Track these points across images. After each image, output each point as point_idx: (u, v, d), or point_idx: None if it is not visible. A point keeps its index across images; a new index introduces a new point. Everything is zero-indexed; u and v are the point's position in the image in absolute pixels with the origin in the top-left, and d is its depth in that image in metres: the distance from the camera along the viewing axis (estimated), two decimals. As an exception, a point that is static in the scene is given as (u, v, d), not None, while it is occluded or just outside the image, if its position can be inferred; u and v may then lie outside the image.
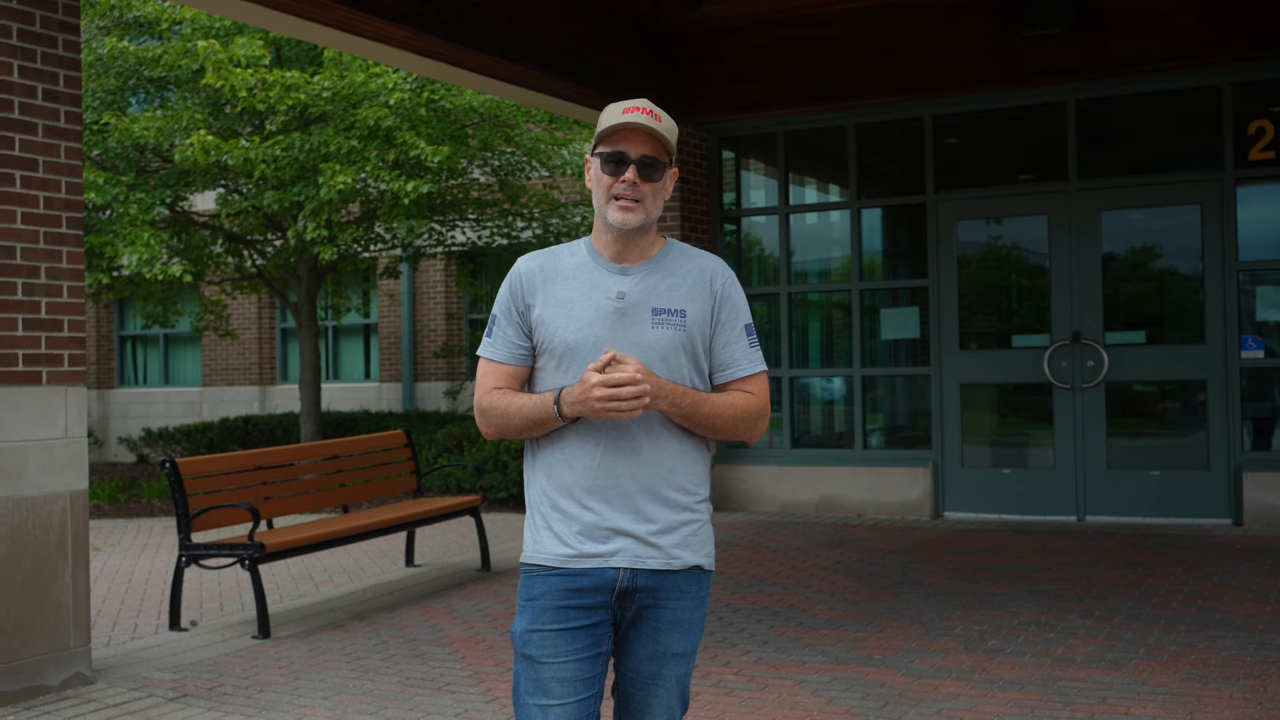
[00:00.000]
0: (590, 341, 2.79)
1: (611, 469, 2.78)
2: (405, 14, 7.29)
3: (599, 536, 2.78)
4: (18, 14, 5.57)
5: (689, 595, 2.85)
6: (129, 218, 12.30)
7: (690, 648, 2.90)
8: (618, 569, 2.77)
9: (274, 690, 5.61)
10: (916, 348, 10.68)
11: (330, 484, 8.42)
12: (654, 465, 2.80)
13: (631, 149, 2.80)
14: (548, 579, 2.80)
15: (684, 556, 2.83)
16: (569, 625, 2.78)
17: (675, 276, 2.87)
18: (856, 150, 10.75)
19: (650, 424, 2.80)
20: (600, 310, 2.81)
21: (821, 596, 7.22)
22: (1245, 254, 9.40)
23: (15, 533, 5.49)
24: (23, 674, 5.47)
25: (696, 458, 2.88)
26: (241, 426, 16.63)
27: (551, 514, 2.82)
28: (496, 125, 13.27)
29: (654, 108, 2.84)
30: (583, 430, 2.79)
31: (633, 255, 2.86)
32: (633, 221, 2.80)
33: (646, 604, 2.82)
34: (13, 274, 5.56)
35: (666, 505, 2.81)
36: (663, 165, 2.83)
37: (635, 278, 2.84)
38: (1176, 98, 9.76)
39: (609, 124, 2.80)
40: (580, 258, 2.88)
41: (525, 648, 2.80)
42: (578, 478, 2.79)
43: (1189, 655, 5.67)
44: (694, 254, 2.93)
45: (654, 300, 2.82)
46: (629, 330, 2.80)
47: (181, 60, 12.49)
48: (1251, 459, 9.30)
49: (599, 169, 2.84)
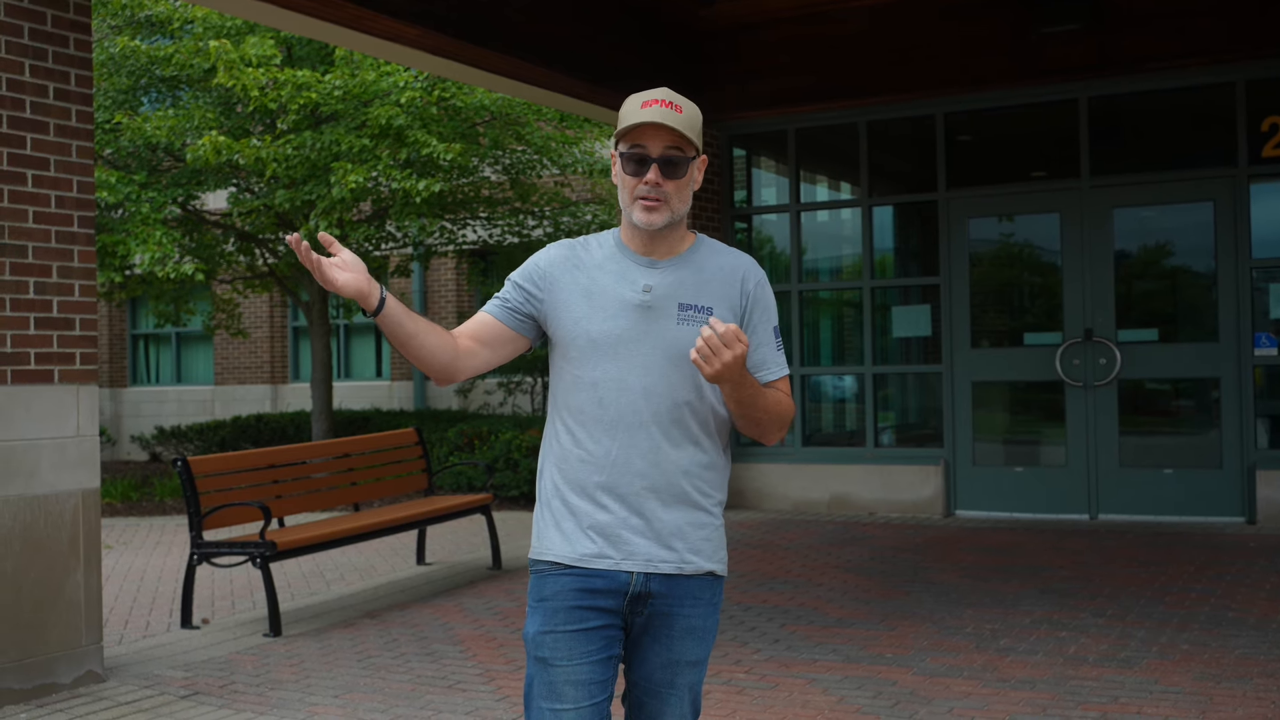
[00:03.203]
0: (612, 333, 2.71)
1: (629, 467, 2.70)
2: (416, 12, 7.29)
3: (612, 537, 2.70)
4: (29, 13, 5.58)
5: (702, 602, 2.77)
6: (141, 217, 12.33)
7: (703, 655, 2.81)
8: (630, 572, 2.70)
9: (285, 688, 5.61)
10: (928, 345, 10.66)
11: (341, 482, 8.43)
12: (672, 466, 2.71)
13: (653, 146, 2.69)
14: (559, 578, 2.72)
15: (698, 562, 2.74)
16: (582, 626, 2.70)
17: (705, 273, 2.78)
18: (868, 148, 10.72)
19: (672, 420, 2.71)
20: (625, 303, 2.72)
21: (833, 595, 7.21)
22: (1258, 251, 9.36)
23: (27, 531, 5.50)
24: (35, 672, 5.48)
25: (715, 461, 2.79)
26: (253, 425, 16.67)
27: (562, 510, 2.74)
28: (508, 123, 13.27)
29: (674, 98, 2.72)
30: (601, 426, 2.71)
31: (662, 250, 2.77)
32: (658, 221, 2.71)
33: (659, 610, 2.73)
34: (24, 273, 5.57)
35: (683, 508, 2.73)
36: (687, 159, 2.71)
37: (663, 272, 2.75)
38: (1190, 95, 9.72)
39: (628, 122, 2.69)
40: (608, 249, 2.80)
41: (538, 650, 2.72)
42: (593, 474, 2.71)
43: (1202, 654, 5.64)
44: (725, 251, 2.84)
45: (681, 295, 2.74)
46: (653, 325, 2.71)
47: (193, 59, 12.51)
48: (1265, 457, 9.25)
49: (621, 168, 2.74)
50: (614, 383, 2.71)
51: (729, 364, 2.53)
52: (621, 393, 2.70)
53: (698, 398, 2.73)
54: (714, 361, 2.52)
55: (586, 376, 2.73)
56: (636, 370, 2.70)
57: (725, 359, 2.52)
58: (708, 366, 2.54)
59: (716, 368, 2.53)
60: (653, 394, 2.71)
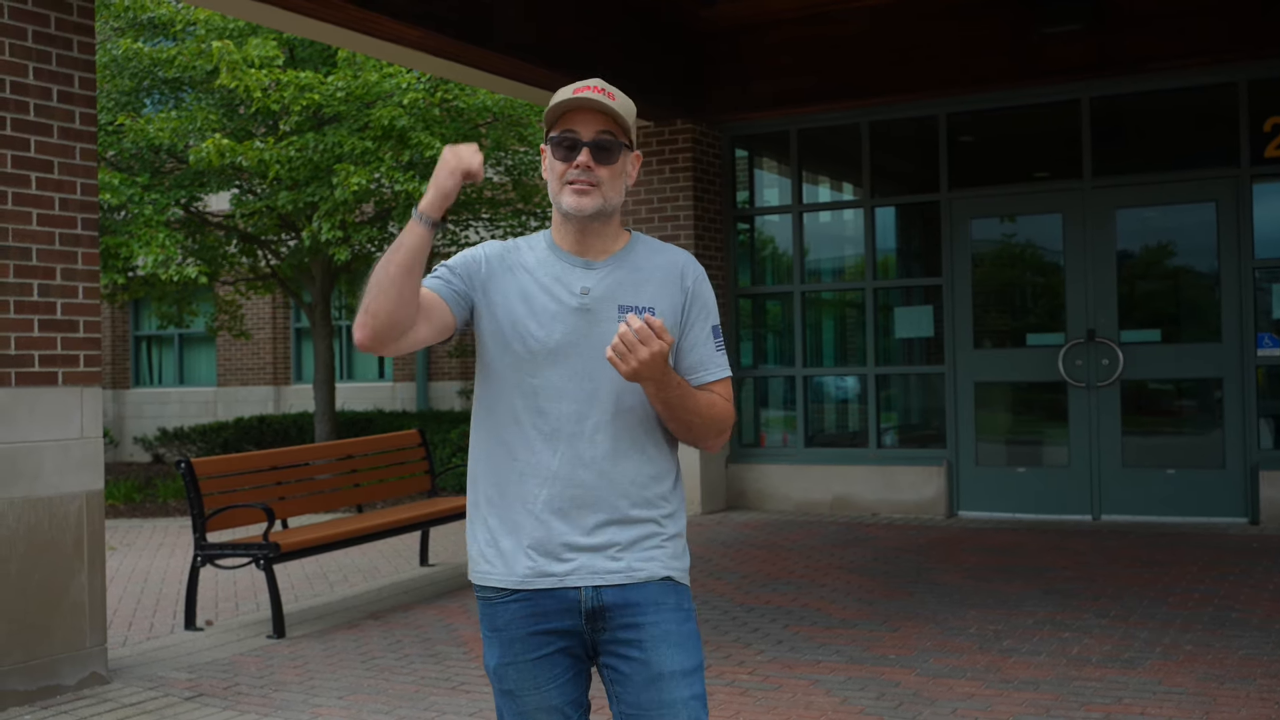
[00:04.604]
0: (550, 338, 2.55)
1: (571, 479, 2.53)
2: (418, 14, 7.30)
3: (555, 553, 2.53)
4: (33, 16, 5.59)
5: (667, 607, 2.55)
6: (144, 218, 12.34)
7: (690, 664, 2.55)
8: (578, 588, 2.53)
9: (289, 690, 5.62)
10: (930, 346, 10.66)
11: (344, 484, 8.44)
12: (618, 476, 2.55)
13: (584, 130, 2.54)
14: (508, 605, 2.56)
15: (649, 569, 2.55)
16: (543, 653, 2.56)
17: (643, 271, 2.62)
18: (870, 148, 10.73)
19: (616, 429, 2.56)
20: (563, 306, 2.57)
21: (836, 596, 7.21)
22: (1261, 251, 9.36)
23: (32, 533, 5.51)
24: (39, 673, 5.49)
25: (663, 469, 2.62)
26: (256, 426, 16.67)
27: (499, 527, 2.57)
28: (509, 124, 13.27)
29: (607, 85, 2.58)
30: (540, 436, 2.55)
31: (596, 248, 2.61)
32: (588, 206, 2.54)
33: (622, 622, 2.53)
34: (29, 275, 5.58)
35: (629, 519, 2.55)
36: (620, 146, 2.56)
37: (600, 272, 2.60)
38: (1192, 95, 9.72)
39: (557, 104, 2.55)
40: (540, 251, 2.64)
41: (502, 683, 2.59)
42: (532, 487, 2.54)
43: (1205, 654, 5.65)
44: (662, 248, 2.69)
45: (620, 296, 2.58)
46: (594, 328, 2.55)
47: (196, 61, 12.52)
48: (1268, 457, 9.25)
49: (551, 155, 2.58)
50: (553, 390, 2.55)
51: (646, 361, 2.38)
52: (561, 400, 2.55)
53: (641, 403, 2.57)
54: (629, 359, 2.38)
55: (523, 384, 2.57)
56: (577, 376, 2.55)
57: (642, 355, 2.37)
58: (623, 364, 2.39)
59: (633, 365, 2.39)
60: (594, 401, 2.55)
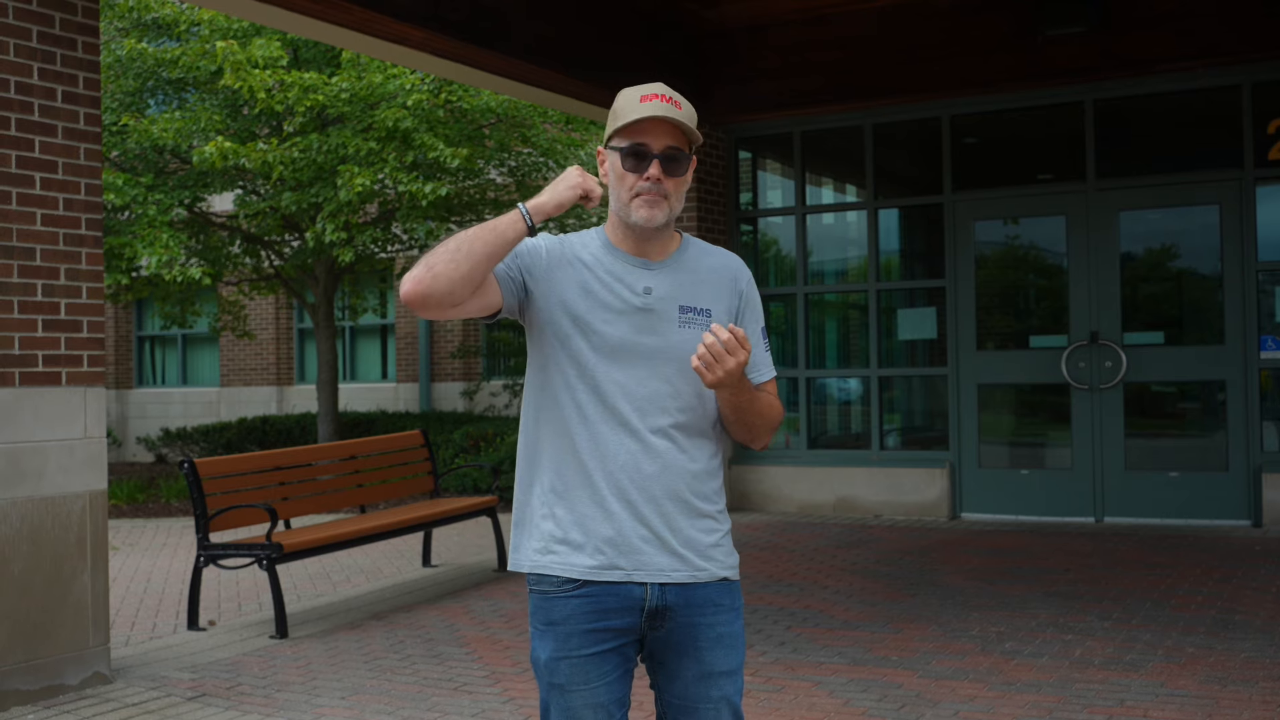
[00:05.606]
0: (614, 335, 2.60)
1: (637, 473, 2.58)
2: (422, 15, 7.31)
3: (622, 547, 2.58)
4: (38, 16, 5.60)
5: (724, 608, 2.65)
6: (148, 219, 12.35)
7: (736, 664, 2.67)
8: (644, 584, 2.59)
9: (292, 690, 5.63)
10: (933, 348, 10.66)
11: (347, 484, 8.45)
12: (680, 472, 2.61)
13: (654, 142, 2.59)
14: (568, 601, 2.60)
15: (711, 569, 2.64)
16: (598, 649, 2.59)
17: (699, 274, 2.69)
18: (874, 150, 10.72)
19: (678, 425, 2.62)
20: (627, 305, 2.62)
21: (839, 597, 7.21)
22: (1264, 254, 9.35)
23: (35, 533, 5.52)
24: (42, 673, 5.49)
25: (717, 467, 2.70)
26: (259, 427, 16.68)
27: (567, 518, 2.61)
28: (513, 126, 13.28)
29: (672, 94, 2.61)
30: (608, 429, 2.60)
31: (654, 251, 2.67)
32: (659, 219, 2.60)
33: (682, 622, 2.61)
34: (32, 275, 5.59)
35: (692, 515, 2.63)
36: (687, 158, 2.62)
37: (659, 273, 2.66)
38: (1195, 97, 9.72)
39: (628, 117, 2.58)
40: (595, 249, 2.68)
41: (553, 676, 2.61)
42: (600, 481, 2.59)
43: (1208, 657, 5.64)
44: (712, 250, 2.77)
45: (681, 298, 2.65)
46: (656, 328, 2.62)
47: (200, 61, 12.53)
48: (1271, 460, 9.24)
49: (618, 164, 2.62)
50: (618, 386, 2.60)
51: (731, 371, 2.45)
52: (627, 397, 2.60)
53: (700, 403, 2.65)
54: (716, 369, 2.45)
55: (587, 377, 2.61)
56: (641, 374, 2.61)
57: (728, 366, 2.45)
58: (709, 374, 2.46)
59: (719, 375, 2.46)
60: (659, 398, 2.61)
